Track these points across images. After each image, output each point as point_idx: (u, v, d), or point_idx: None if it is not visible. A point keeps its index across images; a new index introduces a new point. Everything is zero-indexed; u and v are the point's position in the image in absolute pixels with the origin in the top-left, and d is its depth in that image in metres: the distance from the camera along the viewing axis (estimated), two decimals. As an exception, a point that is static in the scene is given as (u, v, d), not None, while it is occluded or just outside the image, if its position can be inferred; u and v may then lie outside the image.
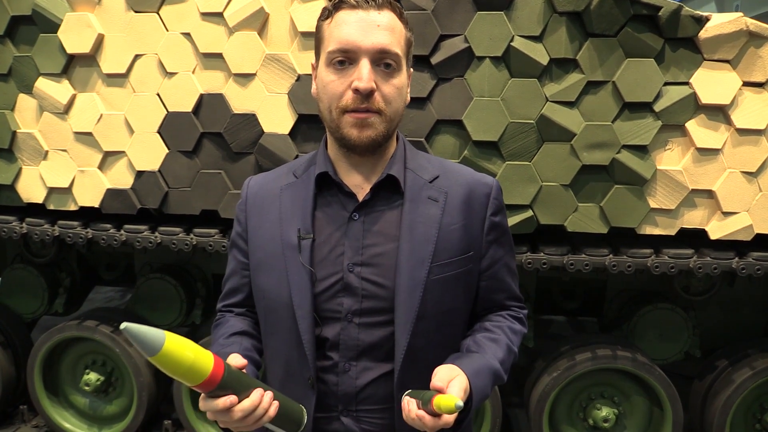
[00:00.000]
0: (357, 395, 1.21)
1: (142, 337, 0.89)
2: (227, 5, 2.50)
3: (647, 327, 3.01)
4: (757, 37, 2.35)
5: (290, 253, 1.20)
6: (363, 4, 1.12)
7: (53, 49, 2.65)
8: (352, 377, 1.20)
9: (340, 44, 1.12)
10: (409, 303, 1.17)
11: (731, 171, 2.44)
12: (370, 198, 1.21)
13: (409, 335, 1.17)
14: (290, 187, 1.26)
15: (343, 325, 1.19)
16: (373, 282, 1.19)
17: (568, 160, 2.46)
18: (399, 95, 1.17)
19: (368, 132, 1.14)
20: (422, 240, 1.18)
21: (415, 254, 1.18)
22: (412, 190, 1.22)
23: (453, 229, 1.21)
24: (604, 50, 2.38)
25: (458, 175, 1.27)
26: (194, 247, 2.72)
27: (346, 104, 1.13)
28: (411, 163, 1.25)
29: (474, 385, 1.12)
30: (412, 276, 1.17)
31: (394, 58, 1.14)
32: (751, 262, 2.50)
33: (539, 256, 2.57)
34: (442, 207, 1.21)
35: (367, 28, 1.11)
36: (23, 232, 2.83)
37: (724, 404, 2.79)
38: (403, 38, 1.17)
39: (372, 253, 1.19)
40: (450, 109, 2.47)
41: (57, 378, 3.25)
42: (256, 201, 1.30)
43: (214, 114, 2.59)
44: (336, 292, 1.19)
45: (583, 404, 2.91)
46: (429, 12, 2.41)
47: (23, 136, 2.75)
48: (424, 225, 1.19)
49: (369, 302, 1.19)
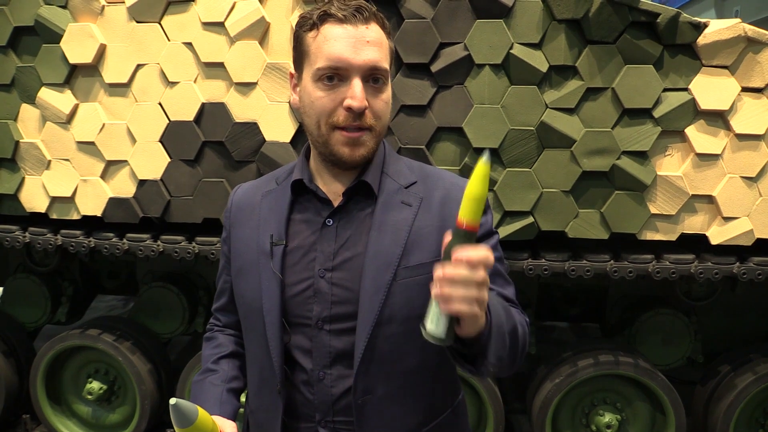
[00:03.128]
0: (333, 405, 1.18)
1: (183, 412, 1.04)
2: (228, 15, 2.51)
3: (649, 332, 3.01)
4: (755, 43, 2.36)
5: (263, 260, 1.20)
6: (351, 18, 1.10)
7: (56, 59, 2.66)
8: (327, 386, 1.18)
9: (330, 61, 1.09)
10: (369, 306, 1.13)
11: (731, 176, 2.44)
12: (345, 203, 1.20)
13: (368, 339, 1.14)
14: (270, 194, 1.27)
15: (314, 332, 1.18)
16: (342, 287, 1.16)
17: (568, 166, 2.46)
18: (387, 109, 1.16)
19: (360, 151, 1.13)
20: (390, 242, 1.15)
21: (380, 257, 1.15)
22: (386, 194, 1.20)
23: (426, 233, 1.17)
24: (603, 57, 2.40)
25: (437, 180, 1.24)
26: (196, 255, 2.73)
27: (337, 121, 1.11)
28: (389, 168, 1.23)
29: (492, 308, 1.03)
30: (376, 279, 1.14)
31: (383, 73, 1.13)
32: (752, 266, 2.50)
33: (540, 263, 2.58)
34: (415, 211, 1.18)
35: (357, 45, 1.09)
36: (26, 242, 2.84)
37: (727, 409, 2.79)
38: (389, 51, 1.16)
39: (343, 258, 1.17)
40: (450, 116, 2.48)
41: (60, 387, 3.25)
42: (240, 208, 1.30)
43: (216, 123, 2.60)
44: (306, 298, 1.18)
45: (585, 410, 2.91)
46: (429, 20, 2.43)
47: (26, 146, 2.77)
48: (393, 228, 1.17)
49: (338, 308, 1.16)
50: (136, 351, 3.05)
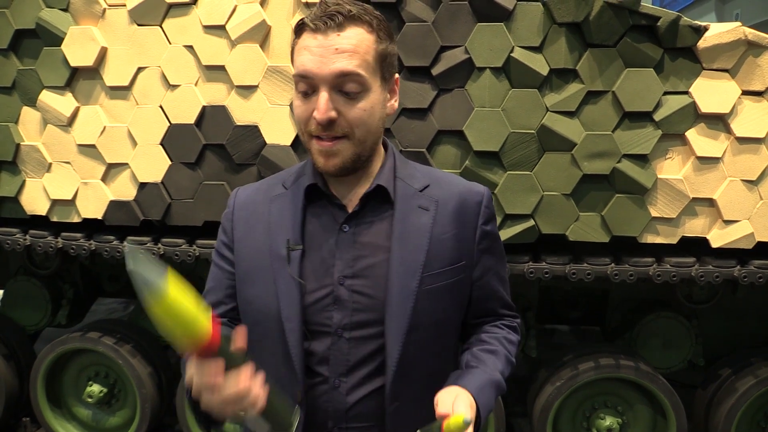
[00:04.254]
0: (347, 412, 1.17)
1: (144, 271, 0.78)
2: (229, 18, 2.52)
3: (650, 336, 3.01)
4: (755, 46, 2.36)
5: (278, 265, 1.17)
6: (322, 27, 1.07)
7: (57, 62, 2.67)
8: (342, 393, 1.17)
9: (298, 71, 1.10)
10: (400, 314, 1.14)
11: (732, 179, 2.44)
12: (360, 209, 1.19)
13: (401, 346, 1.14)
14: (279, 198, 1.24)
15: (332, 339, 1.16)
16: (364, 294, 1.16)
17: (569, 169, 2.46)
18: (369, 116, 1.12)
19: (334, 161, 1.12)
20: (413, 250, 1.16)
21: (406, 264, 1.15)
22: (403, 199, 1.19)
23: (444, 239, 1.19)
24: (603, 60, 2.40)
25: (449, 185, 1.25)
26: (197, 258, 2.73)
27: (311, 130, 1.12)
28: (401, 173, 1.23)
29: (479, 401, 1.11)
30: (404, 286, 1.14)
31: (357, 79, 1.08)
32: (752, 270, 2.50)
33: (541, 266, 2.57)
34: (433, 216, 1.19)
35: (324, 54, 1.07)
36: (27, 244, 2.84)
37: (728, 413, 2.79)
38: (372, 53, 1.11)
39: (363, 265, 1.16)
40: (451, 119, 2.48)
41: (60, 390, 3.25)
42: (244, 211, 1.27)
43: (217, 126, 2.60)
44: (326, 306, 1.16)
45: (586, 414, 2.90)
46: (429, 23, 2.43)
47: (27, 149, 2.77)
48: (415, 234, 1.17)
49: (359, 315, 1.16)
50: (137, 354, 3.05)
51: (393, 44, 1.18)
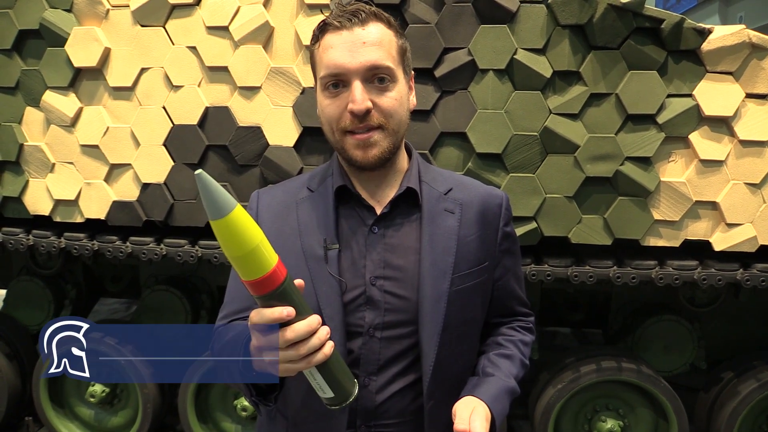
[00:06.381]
0: (376, 410, 1.20)
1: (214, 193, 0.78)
2: (233, 19, 2.52)
3: (652, 339, 3.01)
4: (759, 49, 2.36)
5: (315, 264, 1.18)
6: (347, 24, 1.12)
7: (60, 62, 2.67)
8: (371, 392, 1.20)
9: (329, 69, 1.13)
10: (434, 315, 1.18)
11: (735, 182, 2.44)
12: (389, 211, 1.22)
13: (437, 347, 1.18)
14: (306, 201, 1.25)
15: (364, 339, 1.19)
16: (395, 295, 1.19)
17: (571, 172, 2.46)
18: (400, 105, 1.16)
19: (373, 151, 1.15)
20: (443, 252, 1.20)
21: (436, 266, 1.19)
22: (429, 202, 1.23)
23: (470, 241, 1.23)
24: (607, 63, 2.39)
25: (471, 188, 1.30)
26: (199, 259, 2.73)
27: (345, 125, 1.14)
28: (425, 176, 1.27)
29: (494, 410, 1.15)
30: (436, 288, 1.18)
31: (386, 72, 1.13)
32: (755, 273, 2.49)
33: (543, 268, 2.57)
34: (458, 219, 1.23)
35: (353, 48, 1.11)
36: (30, 244, 2.85)
37: (730, 416, 2.78)
38: (395, 47, 1.16)
39: (394, 266, 1.20)
40: (454, 121, 2.48)
41: (62, 389, 3.25)
42: (270, 213, 1.27)
43: (220, 127, 2.61)
44: (359, 306, 1.19)
45: (588, 416, 2.90)
46: (433, 25, 2.43)
47: (30, 149, 2.77)
48: (443, 237, 1.21)
49: (391, 315, 1.19)
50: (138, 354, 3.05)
51: (406, 42, 1.22)
